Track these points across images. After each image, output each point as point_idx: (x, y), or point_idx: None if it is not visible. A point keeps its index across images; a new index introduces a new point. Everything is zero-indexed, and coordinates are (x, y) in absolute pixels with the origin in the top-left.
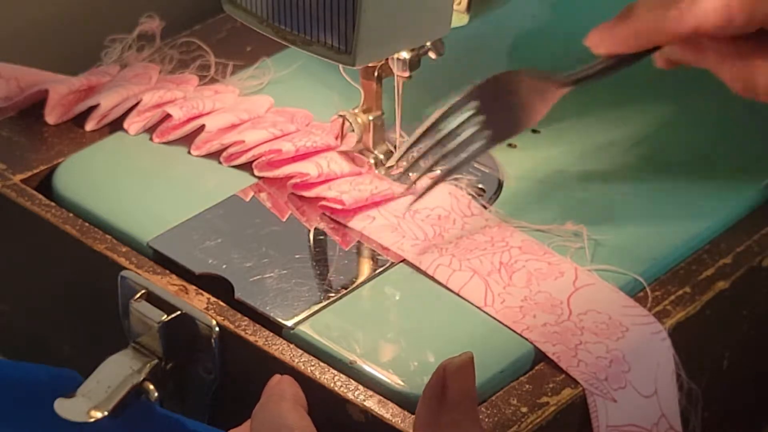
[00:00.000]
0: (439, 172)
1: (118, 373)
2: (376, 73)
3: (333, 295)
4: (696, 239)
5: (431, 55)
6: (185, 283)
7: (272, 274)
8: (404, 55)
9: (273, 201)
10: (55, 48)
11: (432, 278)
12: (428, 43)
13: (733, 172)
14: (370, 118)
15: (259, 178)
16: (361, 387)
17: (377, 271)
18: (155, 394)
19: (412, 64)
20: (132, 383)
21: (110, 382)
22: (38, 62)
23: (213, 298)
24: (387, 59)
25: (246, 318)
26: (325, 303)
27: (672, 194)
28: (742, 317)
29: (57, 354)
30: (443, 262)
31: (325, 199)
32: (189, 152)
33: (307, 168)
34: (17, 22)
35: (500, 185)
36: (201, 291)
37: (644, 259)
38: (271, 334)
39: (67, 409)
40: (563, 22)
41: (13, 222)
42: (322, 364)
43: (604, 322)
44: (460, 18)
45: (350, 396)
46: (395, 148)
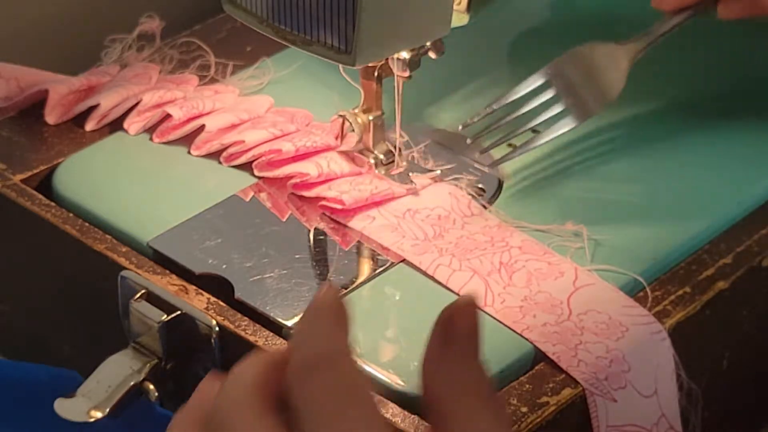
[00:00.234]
0: (439, 172)
1: (118, 373)
2: (376, 73)
3: None
4: (696, 239)
5: (431, 55)
6: (185, 283)
7: (272, 274)
8: (404, 55)
9: (273, 201)
10: (55, 48)
11: (432, 278)
12: (428, 43)
13: (733, 172)
14: (370, 118)
15: (259, 178)
16: None
17: (377, 271)
18: (155, 394)
19: (412, 64)
20: (132, 383)
21: (110, 382)
22: (38, 62)
23: (213, 298)
24: (387, 59)
25: (246, 318)
26: None
27: (672, 194)
28: (742, 317)
29: (57, 354)
30: (443, 262)
31: (325, 199)
32: (189, 152)
33: (307, 168)
34: (17, 22)
35: (500, 185)
36: (201, 291)
37: (644, 259)
38: (271, 334)
39: (67, 409)
40: (563, 22)
41: (13, 222)
42: None
43: (604, 322)
44: (460, 18)
45: None
46: (395, 148)
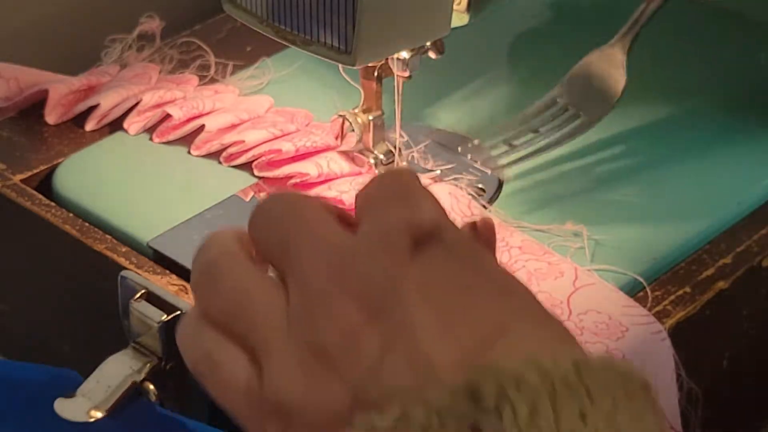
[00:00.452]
0: (439, 172)
1: (118, 373)
2: (376, 73)
3: None
4: (696, 239)
5: (431, 55)
6: (185, 283)
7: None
8: (404, 55)
9: None
10: (55, 48)
11: None
12: (428, 43)
13: (733, 172)
14: (370, 118)
15: (259, 178)
16: None
17: None
18: (155, 394)
19: (412, 64)
20: (132, 383)
21: (110, 382)
22: (38, 62)
23: None
24: (387, 59)
25: None
26: None
27: (672, 194)
28: (742, 317)
29: (57, 354)
30: None
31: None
32: (189, 152)
33: (307, 168)
34: (17, 22)
35: (500, 185)
36: None
37: (644, 259)
38: None
39: (67, 409)
40: (563, 22)
41: (13, 222)
42: None
43: (604, 322)
44: (460, 18)
45: None
46: (395, 148)
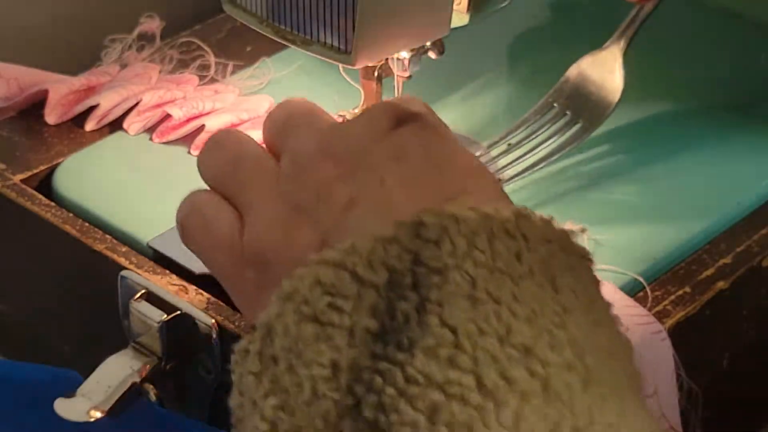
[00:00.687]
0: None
1: (118, 373)
2: (376, 73)
3: None
4: (696, 239)
5: (431, 55)
6: (185, 283)
7: None
8: (404, 55)
9: None
10: (55, 48)
11: None
12: (428, 43)
13: (733, 172)
14: None
15: None
16: None
17: None
18: (155, 394)
19: (412, 64)
20: (132, 383)
21: (110, 382)
22: (38, 62)
23: (213, 298)
24: (387, 59)
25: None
26: None
27: (672, 194)
28: (742, 317)
29: (57, 354)
30: None
31: None
32: (189, 152)
33: None
34: (17, 22)
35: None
36: (201, 291)
37: (644, 259)
38: None
39: (67, 409)
40: (563, 22)
41: (13, 222)
42: None
43: None
44: (460, 18)
45: None
46: None
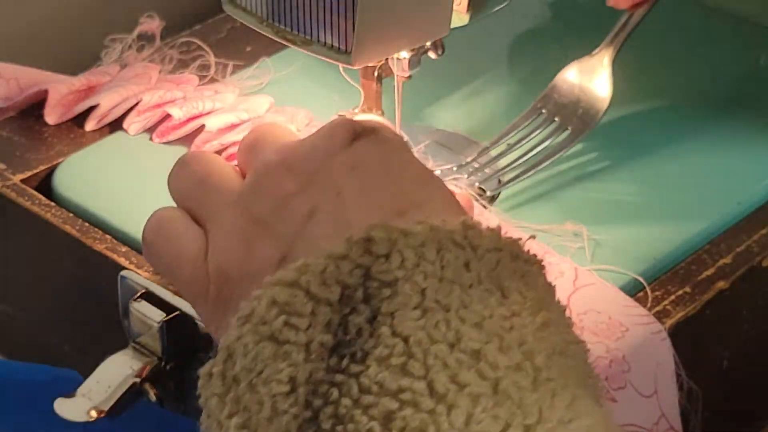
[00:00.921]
0: (439, 172)
1: (118, 373)
2: (376, 73)
3: None
4: (696, 239)
5: (431, 55)
6: None
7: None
8: (404, 55)
9: None
10: (55, 48)
11: None
12: (428, 43)
13: (733, 172)
14: None
15: None
16: None
17: None
18: (155, 395)
19: (412, 64)
20: (132, 383)
21: (110, 382)
22: (38, 62)
23: None
24: (387, 59)
25: None
26: None
27: (672, 194)
28: (742, 317)
29: (57, 354)
30: None
31: None
32: None
33: None
34: (17, 22)
35: (500, 185)
36: None
37: (644, 259)
38: None
39: (67, 409)
40: (563, 22)
41: (13, 222)
42: None
43: (604, 322)
44: (460, 18)
45: None
46: None
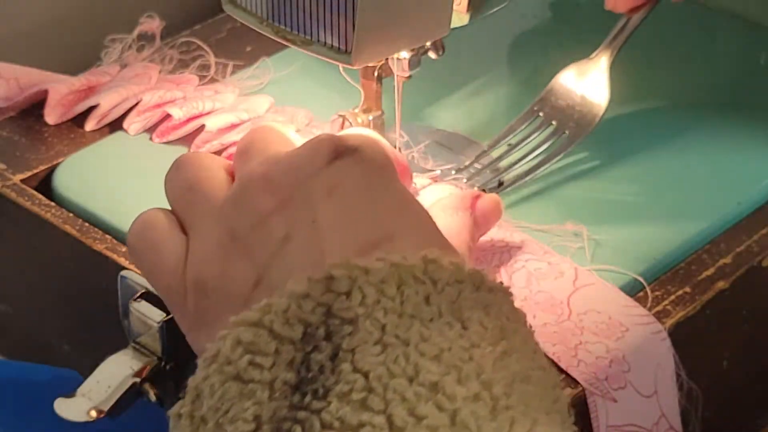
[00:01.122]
0: (439, 172)
1: (118, 373)
2: (376, 73)
3: None
4: (696, 239)
5: (431, 55)
6: None
7: None
8: (404, 55)
9: None
10: (55, 48)
11: None
12: (428, 43)
13: (733, 172)
14: (370, 118)
15: None
16: None
17: None
18: (155, 394)
19: (412, 64)
20: (132, 383)
21: (110, 381)
22: (38, 62)
23: None
24: (387, 59)
25: None
26: None
27: (672, 194)
28: (742, 317)
29: (57, 354)
30: None
31: None
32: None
33: None
34: (17, 22)
35: (500, 185)
36: None
37: (644, 259)
38: None
39: (67, 408)
40: (563, 22)
41: (13, 222)
42: None
43: (604, 322)
44: (460, 18)
45: None
46: (395, 147)
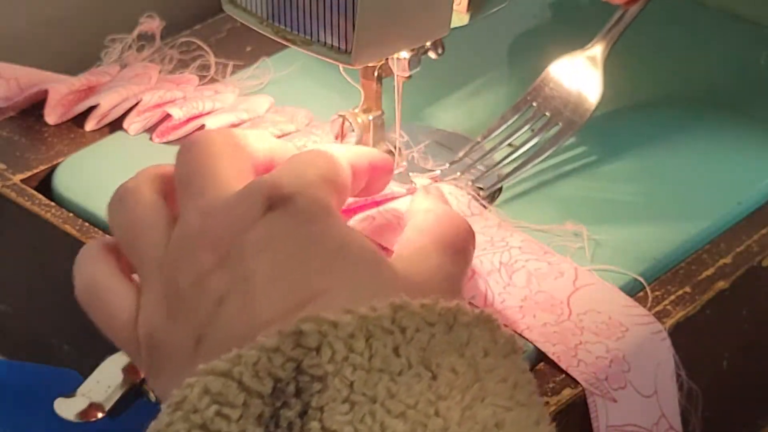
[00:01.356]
0: (439, 172)
1: (118, 373)
2: (376, 73)
3: None
4: (696, 239)
5: (431, 55)
6: None
7: None
8: (404, 55)
9: None
10: (55, 48)
11: None
12: (428, 43)
13: (733, 172)
14: (370, 118)
15: None
16: None
17: None
18: (155, 394)
19: (412, 64)
20: (132, 383)
21: (110, 382)
22: (38, 62)
23: None
24: (387, 59)
25: None
26: None
27: (672, 194)
28: (742, 317)
29: (57, 354)
30: None
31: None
32: None
33: None
34: (17, 22)
35: (497, 182)
36: None
37: (644, 259)
38: None
39: (67, 408)
40: (563, 22)
41: (13, 222)
42: None
43: (604, 322)
44: (460, 18)
45: None
46: (395, 148)
